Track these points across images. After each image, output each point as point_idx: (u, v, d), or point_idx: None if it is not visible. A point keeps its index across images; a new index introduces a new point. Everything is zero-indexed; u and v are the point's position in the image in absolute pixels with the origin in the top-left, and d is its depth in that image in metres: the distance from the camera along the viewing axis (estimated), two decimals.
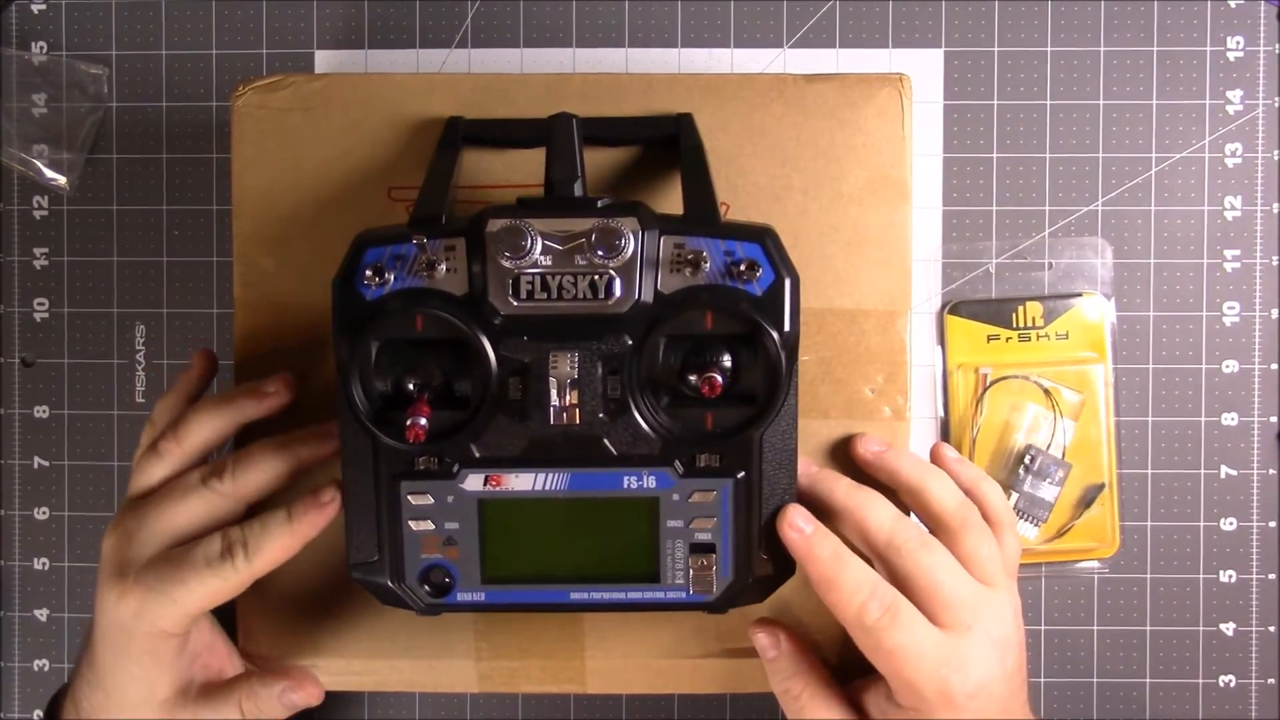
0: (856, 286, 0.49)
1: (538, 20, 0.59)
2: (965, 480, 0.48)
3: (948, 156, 0.59)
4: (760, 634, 0.47)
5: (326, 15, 0.60)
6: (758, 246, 0.43)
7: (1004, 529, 0.47)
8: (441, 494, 0.44)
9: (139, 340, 0.60)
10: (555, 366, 0.42)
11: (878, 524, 0.44)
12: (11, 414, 0.61)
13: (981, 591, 0.44)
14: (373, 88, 0.50)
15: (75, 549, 0.61)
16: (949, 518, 0.45)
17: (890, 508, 0.45)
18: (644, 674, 0.51)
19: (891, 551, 0.44)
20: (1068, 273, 0.59)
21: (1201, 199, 0.59)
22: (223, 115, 0.59)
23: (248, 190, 0.50)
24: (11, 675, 0.61)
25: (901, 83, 0.49)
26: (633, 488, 0.44)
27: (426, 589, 0.45)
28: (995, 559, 0.45)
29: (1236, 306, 0.59)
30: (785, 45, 0.59)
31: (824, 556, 0.43)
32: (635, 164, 0.49)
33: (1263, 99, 0.59)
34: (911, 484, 0.46)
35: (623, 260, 0.42)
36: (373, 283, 0.42)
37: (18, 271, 0.60)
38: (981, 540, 0.45)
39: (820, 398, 0.49)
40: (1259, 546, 0.59)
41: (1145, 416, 0.59)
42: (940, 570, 0.43)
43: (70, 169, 0.59)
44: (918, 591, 0.43)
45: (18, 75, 0.59)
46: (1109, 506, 0.58)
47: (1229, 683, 0.59)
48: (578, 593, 0.45)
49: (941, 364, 0.59)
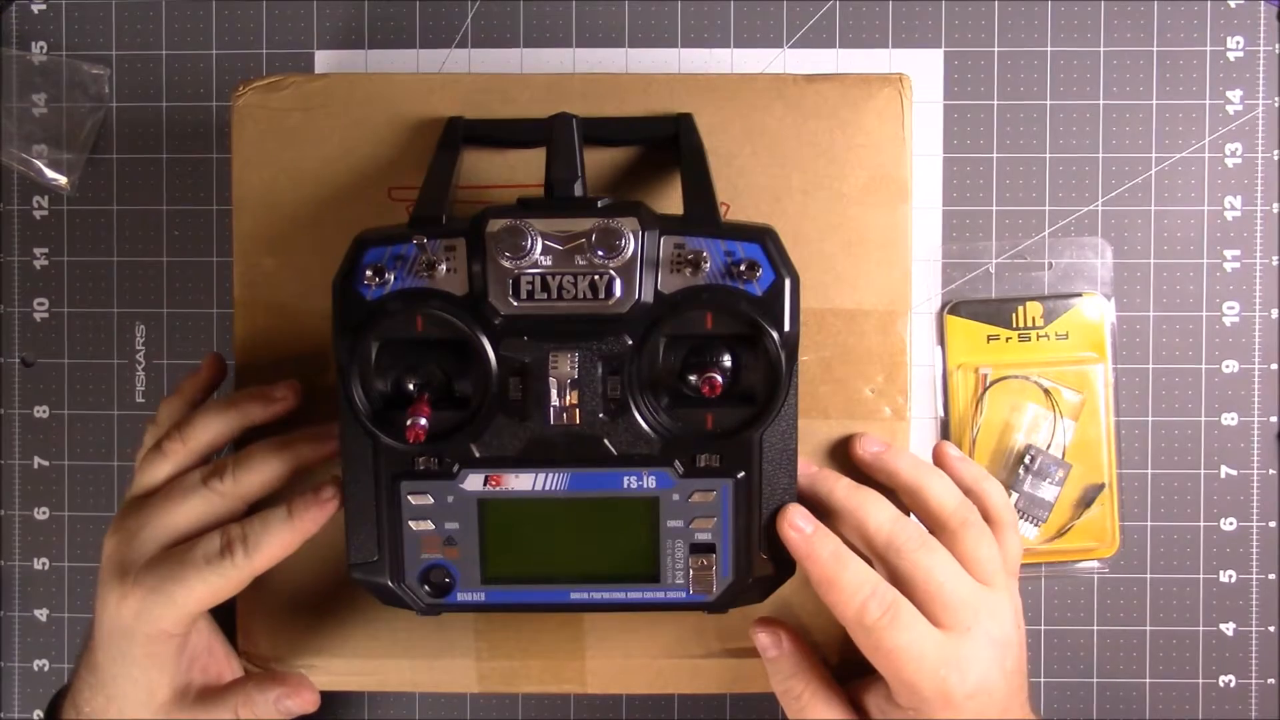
0: (856, 286, 0.49)
1: (538, 20, 0.59)
2: (967, 479, 0.48)
3: (948, 156, 0.59)
4: (761, 633, 0.47)
5: (326, 15, 0.60)
6: (758, 246, 0.43)
7: (1005, 528, 0.47)
8: (441, 494, 0.44)
9: (139, 340, 0.60)
10: (555, 366, 0.42)
11: (877, 524, 0.44)
12: (11, 414, 0.61)
13: (981, 592, 0.44)
14: (373, 88, 0.50)
15: (75, 549, 0.61)
16: (947, 517, 0.45)
17: (889, 508, 0.45)
18: (644, 674, 0.51)
19: (891, 552, 0.44)
20: (1068, 273, 0.59)
21: (1201, 199, 0.59)
22: (223, 115, 0.59)
23: (248, 190, 0.50)
24: (11, 675, 0.61)
25: (901, 83, 0.49)
26: (633, 488, 0.44)
27: (426, 589, 0.45)
28: (995, 559, 0.45)
29: (1236, 306, 0.59)
30: (785, 45, 0.59)
31: (824, 556, 0.43)
32: (635, 164, 0.49)
33: (1263, 99, 0.59)
34: (910, 484, 0.46)
35: (623, 260, 0.42)
36: (373, 283, 0.42)
37: (18, 271, 0.60)
38: (980, 540, 0.45)
39: (820, 398, 0.49)
40: (1259, 546, 0.59)
41: (1145, 416, 0.59)
42: (940, 571, 0.43)
43: (70, 169, 0.59)
44: (917, 592, 0.43)
45: (18, 75, 0.59)
46: (1109, 506, 0.58)
47: (1229, 683, 0.59)
48: (578, 593, 0.45)
49: (941, 364, 0.59)
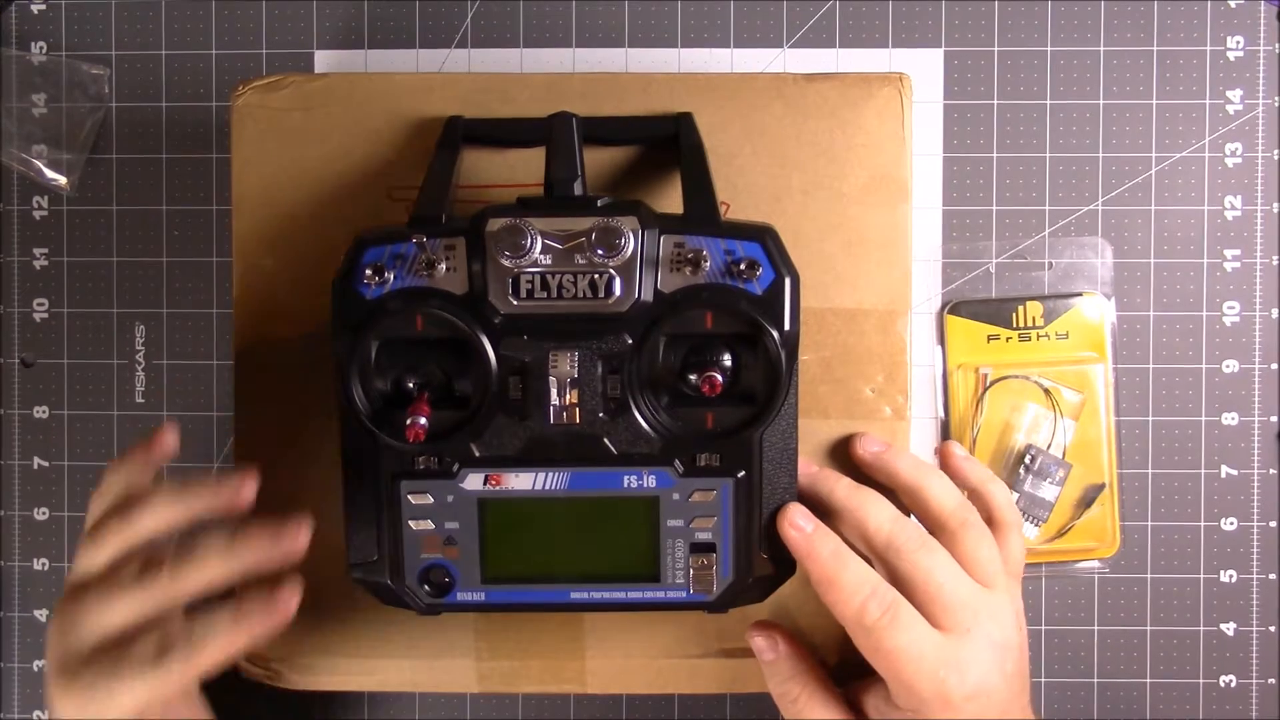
0: (856, 286, 0.49)
1: (538, 20, 0.59)
2: (972, 480, 0.48)
3: (948, 156, 0.59)
4: (757, 637, 0.47)
5: (326, 15, 0.60)
6: (758, 245, 0.43)
7: (1009, 530, 0.47)
8: (441, 493, 0.44)
9: (139, 340, 0.60)
10: (555, 366, 0.42)
11: (877, 524, 0.44)
12: (11, 414, 0.61)
13: (981, 593, 0.44)
14: (373, 87, 0.50)
15: (74, 550, 0.60)
16: (947, 518, 0.45)
17: (890, 508, 0.45)
18: (644, 674, 0.51)
19: (890, 552, 0.44)
20: (1068, 273, 0.59)
21: (1201, 199, 0.59)
22: (223, 115, 0.59)
23: (248, 190, 0.50)
24: (11, 675, 0.61)
25: (901, 82, 0.49)
26: (633, 487, 0.44)
27: (426, 589, 0.45)
28: (995, 560, 0.45)
29: (1236, 306, 0.59)
30: (785, 45, 0.59)
31: (824, 555, 0.43)
32: (635, 163, 0.49)
33: (1263, 99, 0.58)
34: (910, 484, 0.46)
35: (623, 259, 0.42)
36: (372, 282, 0.42)
37: (18, 271, 0.60)
38: (980, 541, 0.45)
39: (820, 397, 0.49)
40: (1259, 546, 0.59)
41: (1145, 416, 0.59)
42: (939, 572, 0.43)
43: (70, 169, 0.59)
44: (917, 593, 0.43)
45: (18, 75, 0.59)
46: (1109, 506, 0.58)
47: (1229, 683, 0.59)
48: (578, 592, 0.45)
49: (941, 364, 0.58)
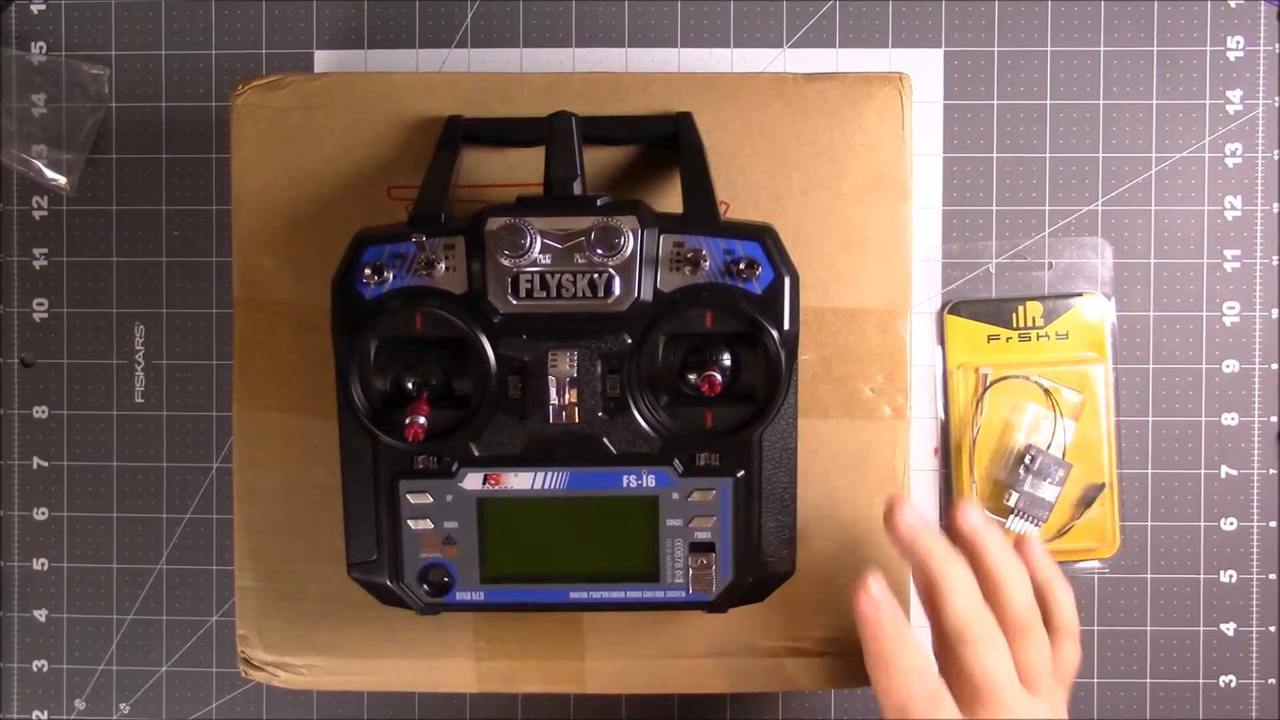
0: (856, 286, 0.49)
1: (538, 20, 0.59)
2: (1039, 577, 0.48)
3: (948, 156, 0.59)
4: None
5: (326, 15, 0.60)
6: (757, 245, 0.43)
7: (1065, 637, 0.48)
8: (441, 493, 0.44)
9: (139, 340, 0.60)
10: (555, 365, 0.42)
11: (958, 610, 0.44)
12: (11, 414, 0.61)
13: (1023, 699, 0.44)
14: (373, 87, 0.50)
15: (74, 549, 0.60)
16: (1014, 619, 0.45)
17: (975, 595, 0.45)
18: (644, 674, 0.51)
19: (959, 640, 0.44)
20: (1068, 273, 0.59)
21: (1201, 199, 0.59)
22: (223, 115, 0.59)
23: (247, 190, 0.50)
24: (11, 675, 0.61)
25: (901, 82, 0.49)
26: (632, 487, 0.44)
27: (425, 588, 0.45)
28: (1045, 666, 0.45)
29: (1236, 306, 0.59)
30: (785, 45, 0.59)
31: (889, 634, 0.43)
32: (635, 163, 0.49)
33: (1263, 99, 0.58)
34: (993, 574, 0.46)
35: (622, 259, 0.42)
36: (372, 281, 0.42)
37: (17, 271, 0.60)
38: (1034, 646, 0.45)
39: (820, 397, 0.49)
40: (1259, 546, 0.59)
41: (1145, 416, 0.59)
42: (996, 673, 0.44)
43: (70, 169, 0.59)
44: (966, 684, 0.43)
45: (18, 75, 0.59)
46: (1109, 506, 0.58)
47: (1229, 683, 0.59)
48: (577, 592, 0.45)
49: (941, 364, 0.58)
